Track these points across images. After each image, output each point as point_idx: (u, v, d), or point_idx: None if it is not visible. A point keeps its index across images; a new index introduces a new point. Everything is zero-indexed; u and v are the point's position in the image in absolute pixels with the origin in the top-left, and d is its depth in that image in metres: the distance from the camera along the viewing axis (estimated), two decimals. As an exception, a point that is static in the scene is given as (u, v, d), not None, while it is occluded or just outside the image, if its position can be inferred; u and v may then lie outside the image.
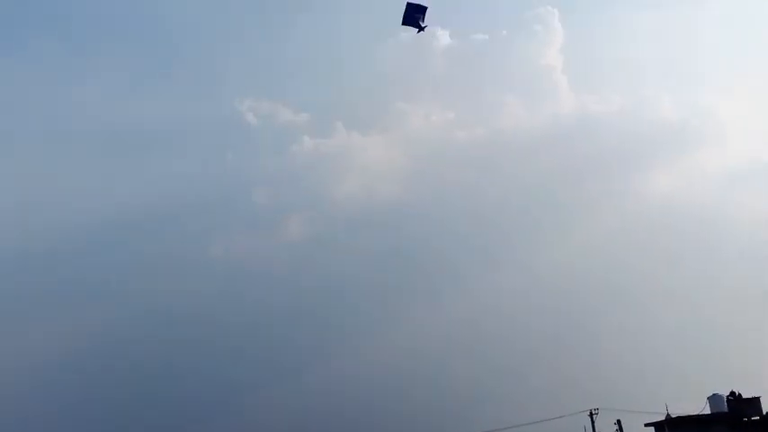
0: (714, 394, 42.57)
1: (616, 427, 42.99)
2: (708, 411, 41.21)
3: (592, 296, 50.17)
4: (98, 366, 49.80)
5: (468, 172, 51.11)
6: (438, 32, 55.09)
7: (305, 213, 57.22)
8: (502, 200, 50.02)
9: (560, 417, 43.88)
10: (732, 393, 42.72)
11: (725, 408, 41.46)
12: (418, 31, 28.95)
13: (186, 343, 51.31)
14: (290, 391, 50.23)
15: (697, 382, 44.04)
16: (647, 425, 42.13)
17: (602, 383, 47.22)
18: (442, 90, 55.83)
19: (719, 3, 54.04)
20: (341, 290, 52.05)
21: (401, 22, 28.85)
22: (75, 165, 58.69)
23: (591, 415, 43.46)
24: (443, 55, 55.63)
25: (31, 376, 49.97)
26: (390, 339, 50.61)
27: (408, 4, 28.62)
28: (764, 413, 41.05)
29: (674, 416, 41.26)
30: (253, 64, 61.59)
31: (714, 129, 52.59)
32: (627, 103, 53.81)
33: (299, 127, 57.62)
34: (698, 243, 50.60)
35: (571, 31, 53.43)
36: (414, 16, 28.75)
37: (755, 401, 42.41)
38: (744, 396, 42.46)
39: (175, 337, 51.46)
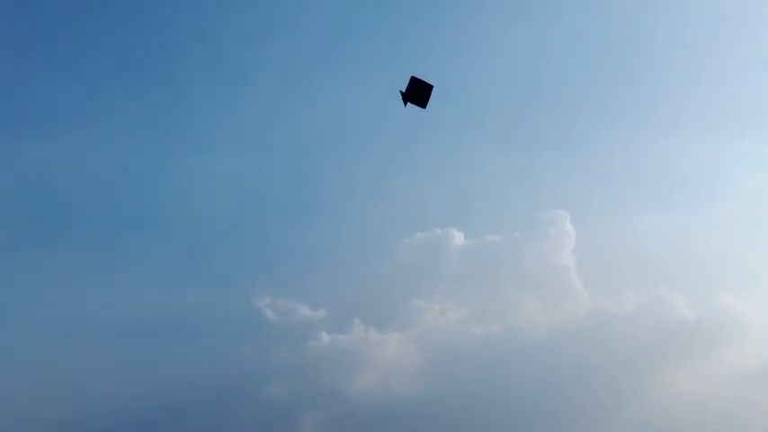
0: None
1: None
2: None
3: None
4: None
5: (483, 367, 51.10)
6: (453, 233, 56.94)
7: (320, 410, 56.49)
8: (515, 396, 49.65)
9: None
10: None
11: None
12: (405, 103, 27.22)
13: None
14: None
15: None
16: None
17: None
18: (458, 288, 56.85)
19: (727, 206, 56.27)
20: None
21: (403, 93, 27.20)
22: (91, 359, 59.10)
23: None
24: (459, 254, 57.19)
25: None
26: None
27: (413, 79, 26.94)
28: None
29: None
30: (273, 261, 63.36)
31: (731, 328, 52.71)
32: (641, 303, 54.40)
33: (317, 323, 58.26)
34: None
35: (583, 233, 55.24)
36: (418, 94, 27.14)
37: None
38: None
39: None
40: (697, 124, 60.99)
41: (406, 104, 27.03)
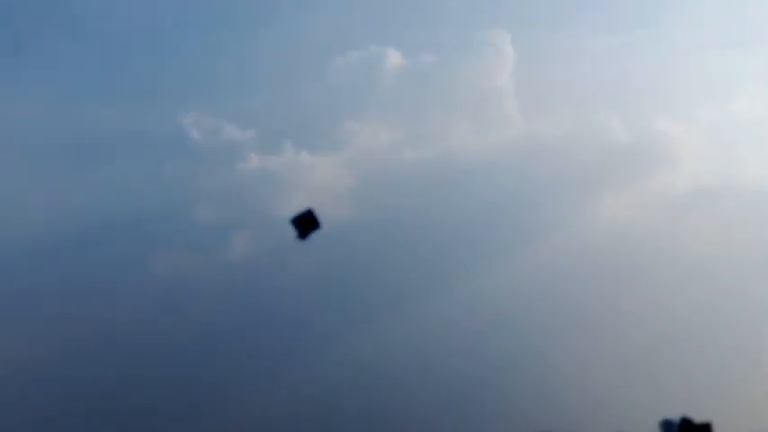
0: (666, 419, 42.55)
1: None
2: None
3: (540, 321, 49.83)
4: (22, 395, 47.39)
5: (414, 193, 50.43)
6: (389, 51, 54.24)
7: (249, 231, 55.77)
8: (449, 221, 49.51)
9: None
10: (684, 419, 42.72)
11: (677, 433, 41.56)
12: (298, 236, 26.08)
13: (125, 365, 49.38)
14: (234, 414, 48.51)
15: (649, 407, 43.68)
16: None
17: (553, 408, 46.59)
18: (392, 110, 54.93)
19: (672, 29, 54.51)
20: (287, 307, 50.87)
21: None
22: (8, 177, 56.25)
23: (542, 439, 42.87)
24: (393, 75, 54.79)
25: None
26: (341, 356, 49.54)
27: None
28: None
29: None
30: (198, 78, 59.85)
31: (665, 153, 52.58)
32: (577, 127, 53.62)
33: (246, 143, 56.09)
34: (649, 267, 51.05)
35: (522, 55, 53.19)
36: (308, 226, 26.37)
37: (707, 427, 42.52)
38: (695, 421, 42.58)
39: (114, 360, 49.62)
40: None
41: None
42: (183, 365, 50.49)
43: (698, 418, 42.36)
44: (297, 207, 60.93)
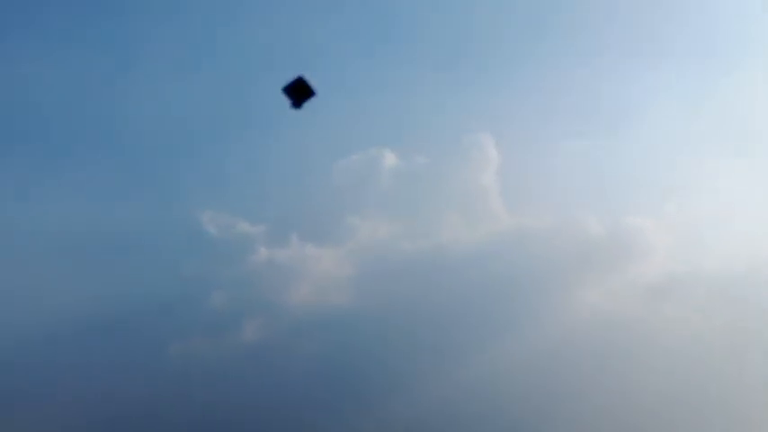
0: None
1: None
2: None
3: (519, 410, 53.48)
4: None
5: (411, 280, 55.47)
6: (386, 153, 60.22)
7: (260, 318, 60.51)
8: (443, 306, 54.21)
9: None
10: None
11: None
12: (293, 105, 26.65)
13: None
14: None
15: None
16: None
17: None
18: (390, 206, 60.49)
19: (639, 132, 60.48)
20: (294, 386, 54.80)
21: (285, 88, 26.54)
22: (47, 266, 61.47)
23: None
24: (390, 174, 60.62)
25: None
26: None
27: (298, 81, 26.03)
28: None
29: None
30: (215, 180, 65.89)
31: (637, 245, 57.54)
32: (557, 222, 58.83)
33: (256, 237, 61.54)
34: (626, 349, 54.93)
35: (505, 157, 59.04)
36: (301, 94, 26.47)
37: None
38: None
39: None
40: (617, 54, 64.36)
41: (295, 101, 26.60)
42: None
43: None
44: (303, 295, 66.32)
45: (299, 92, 26.65)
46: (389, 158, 61.76)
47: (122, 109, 68.31)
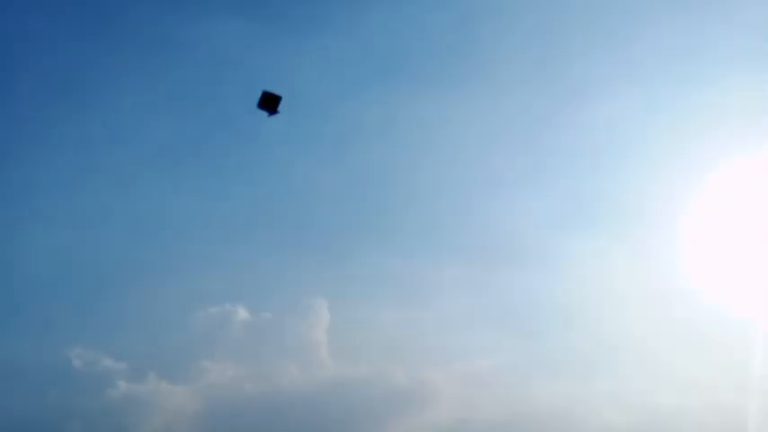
0: None
1: None
2: None
3: None
4: None
5: (252, 418, 67.21)
6: (239, 309, 72.94)
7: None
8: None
9: None
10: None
11: None
12: (270, 115, 29.96)
13: None
14: None
15: None
16: None
17: None
18: (238, 352, 72.83)
19: (440, 303, 77.26)
20: None
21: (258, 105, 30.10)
22: None
23: None
24: (241, 326, 73.42)
25: None
26: None
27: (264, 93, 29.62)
28: None
29: None
30: (86, 319, 75.70)
31: (431, 394, 72.43)
32: (371, 372, 73.14)
33: (117, 373, 71.20)
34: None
35: (335, 318, 73.74)
36: (270, 104, 29.93)
37: None
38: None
39: None
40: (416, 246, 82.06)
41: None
42: None
43: None
44: (154, 427, 76.86)
45: (269, 102, 30.77)
46: (242, 313, 74.88)
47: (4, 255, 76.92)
